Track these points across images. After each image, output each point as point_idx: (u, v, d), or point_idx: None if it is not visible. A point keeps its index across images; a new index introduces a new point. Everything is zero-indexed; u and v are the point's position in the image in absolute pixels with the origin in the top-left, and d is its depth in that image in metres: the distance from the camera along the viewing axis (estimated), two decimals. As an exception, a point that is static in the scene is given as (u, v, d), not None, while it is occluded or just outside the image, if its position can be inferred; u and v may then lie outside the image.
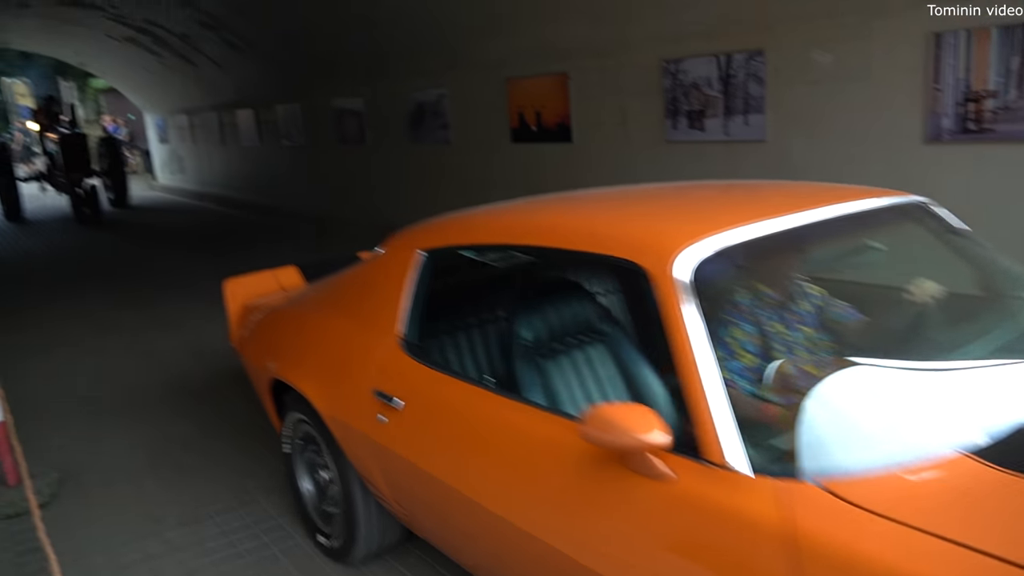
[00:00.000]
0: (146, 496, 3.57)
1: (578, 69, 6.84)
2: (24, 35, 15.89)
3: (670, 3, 5.71)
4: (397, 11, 8.16)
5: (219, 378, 5.05)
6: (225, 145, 14.98)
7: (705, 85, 5.74)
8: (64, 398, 4.94)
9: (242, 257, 8.34)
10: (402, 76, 9.22)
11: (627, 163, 6.59)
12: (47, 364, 5.67)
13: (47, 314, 7.15)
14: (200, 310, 6.49)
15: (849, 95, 4.96)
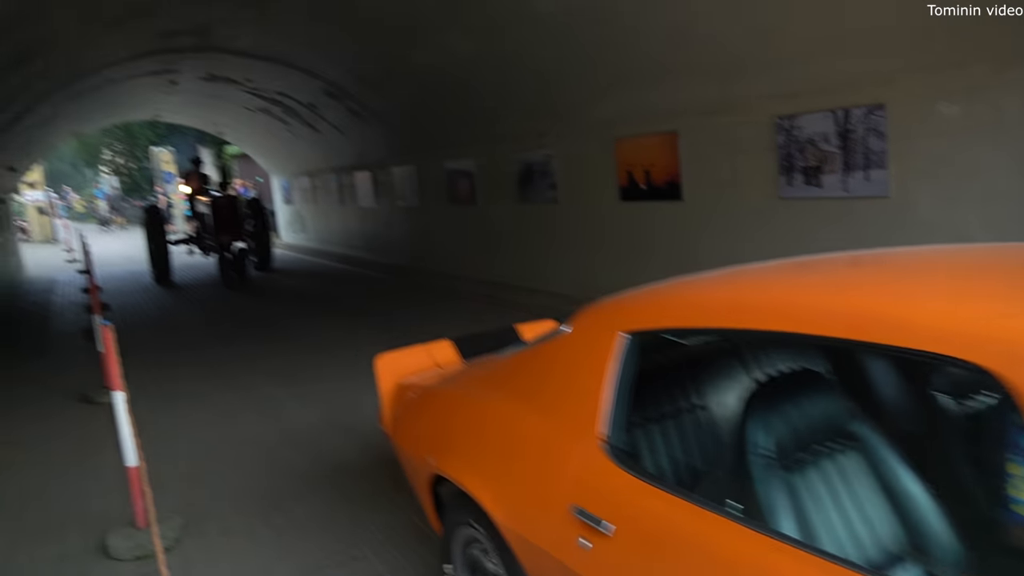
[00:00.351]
0: (263, 547, 3.71)
1: (688, 127, 6.84)
2: (173, 108, 17.55)
3: (783, 60, 5.65)
4: (507, 77, 8.47)
5: (344, 439, 5.23)
6: (344, 205, 15.81)
7: (821, 140, 5.60)
8: (193, 448, 5.25)
9: (380, 320, 8.72)
10: (511, 138, 9.50)
11: (739, 221, 6.47)
12: (181, 416, 6.06)
13: (185, 370, 7.67)
14: (335, 375, 6.81)
15: (980, 148, 4.72)
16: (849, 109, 5.37)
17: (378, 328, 8.29)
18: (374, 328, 8.36)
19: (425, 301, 10.01)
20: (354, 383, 6.16)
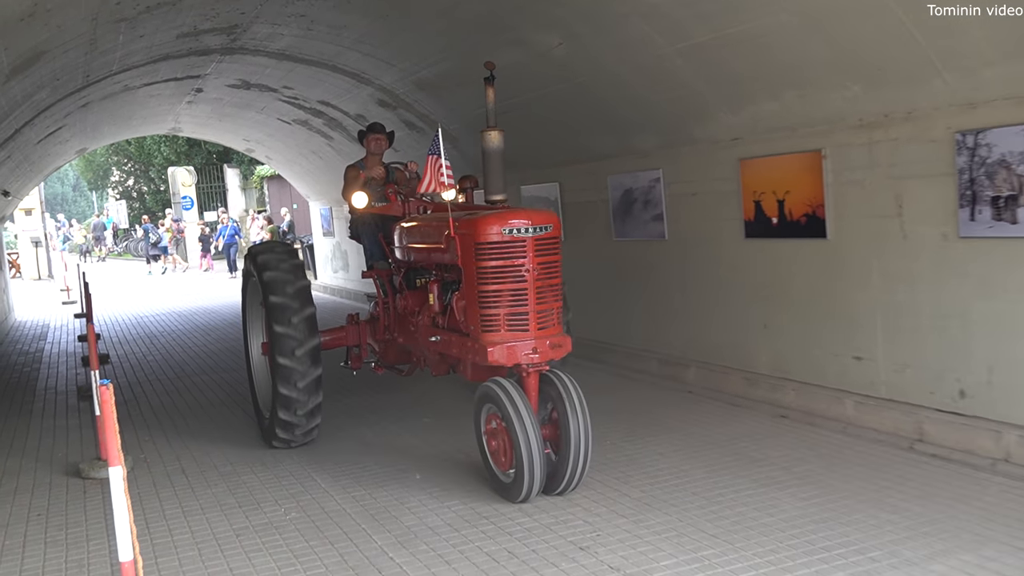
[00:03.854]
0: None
1: (836, 145, 6.70)
2: (195, 121, 18.34)
3: (968, 59, 5.49)
4: (597, 76, 8.51)
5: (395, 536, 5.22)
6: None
7: (1019, 163, 5.39)
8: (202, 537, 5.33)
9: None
10: (604, 156, 9.51)
11: (904, 266, 6.26)
12: (188, 495, 6.17)
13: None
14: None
15: None
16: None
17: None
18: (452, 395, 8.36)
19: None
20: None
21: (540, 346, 5.51)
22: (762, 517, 5.03)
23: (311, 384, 6.66)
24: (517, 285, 5.53)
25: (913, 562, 4.32)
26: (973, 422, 5.86)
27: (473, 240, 5.59)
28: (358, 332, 7.76)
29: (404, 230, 7.02)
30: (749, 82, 7.12)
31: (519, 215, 5.65)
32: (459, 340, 6.02)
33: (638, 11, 7.16)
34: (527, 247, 5.54)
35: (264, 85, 13.68)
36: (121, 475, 3.61)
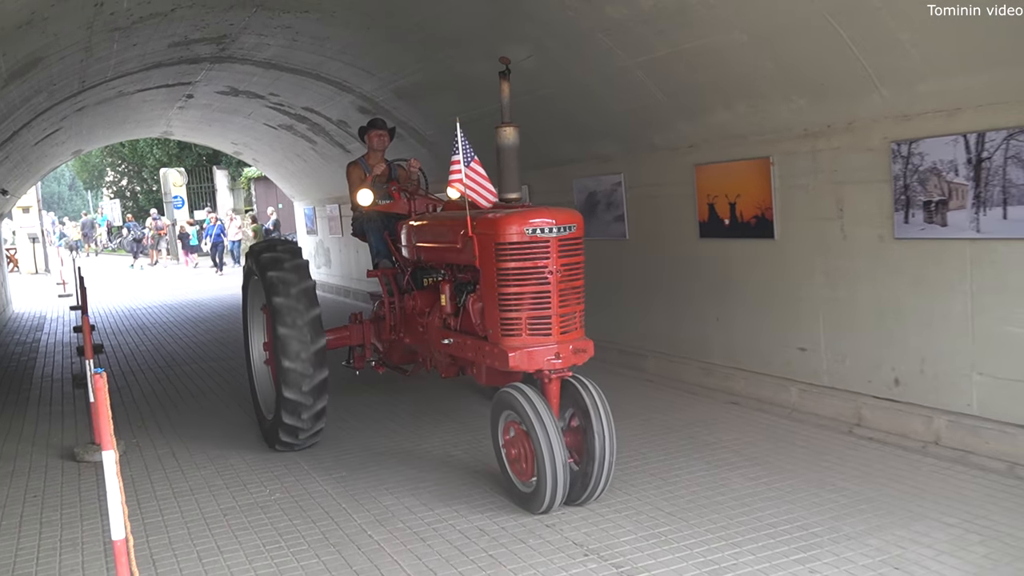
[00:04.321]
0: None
1: (783, 153, 6.75)
2: (186, 125, 18.12)
3: (903, 74, 5.54)
4: (565, 87, 8.51)
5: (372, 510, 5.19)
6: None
7: (948, 171, 5.45)
8: (190, 511, 5.27)
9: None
10: (569, 160, 9.51)
11: (844, 264, 6.32)
12: (178, 477, 6.10)
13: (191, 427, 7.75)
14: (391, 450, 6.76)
15: None
16: (984, 132, 5.22)
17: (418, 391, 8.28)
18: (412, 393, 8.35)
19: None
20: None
21: (563, 351, 4.94)
22: (714, 496, 5.07)
23: (317, 387, 6.08)
24: (540, 288, 4.93)
25: (852, 536, 4.37)
26: (907, 408, 5.94)
27: (493, 240, 4.98)
28: (362, 332, 7.22)
29: (413, 228, 6.41)
30: (704, 94, 7.15)
31: (542, 214, 4.99)
32: (475, 343, 5.42)
33: (602, 27, 7.16)
34: (550, 248, 4.92)
35: (251, 92, 13.55)
36: (114, 458, 3.55)
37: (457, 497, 5.31)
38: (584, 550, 4.39)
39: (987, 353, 5.44)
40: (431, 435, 6.78)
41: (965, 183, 5.38)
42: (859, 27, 5.47)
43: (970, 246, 5.44)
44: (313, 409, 6.13)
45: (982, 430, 5.43)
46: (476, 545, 4.55)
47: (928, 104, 5.52)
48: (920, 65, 5.38)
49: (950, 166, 5.45)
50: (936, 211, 5.59)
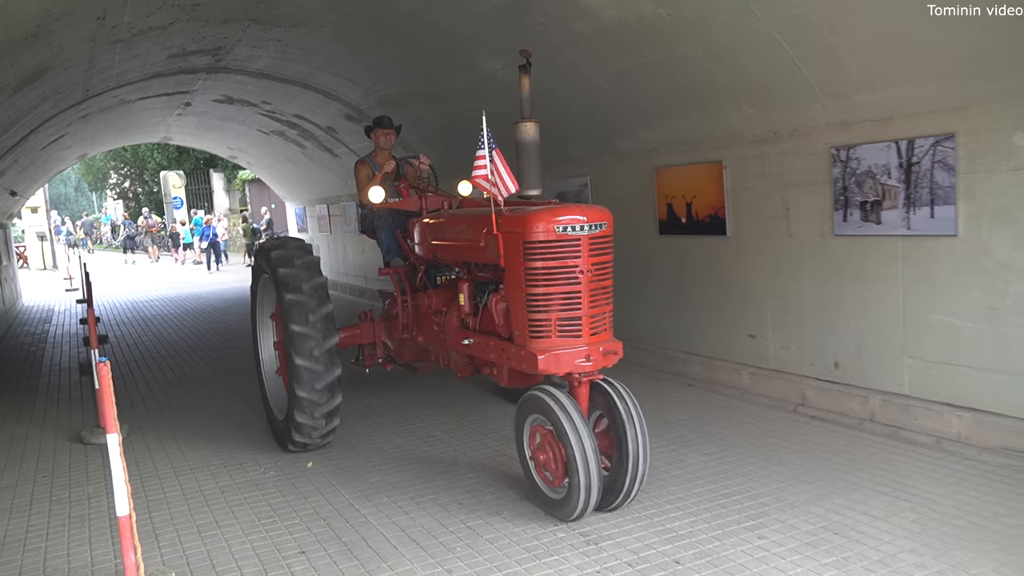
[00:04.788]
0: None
1: (734, 157, 6.80)
2: (184, 131, 17.92)
3: (842, 86, 5.61)
4: (536, 96, 8.50)
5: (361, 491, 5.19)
6: (360, 235, 15.94)
7: (882, 174, 5.53)
8: (189, 490, 5.24)
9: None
10: (543, 163, 9.50)
11: (790, 258, 6.39)
12: (179, 458, 6.06)
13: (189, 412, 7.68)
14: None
15: (1062, 184, 4.61)
16: (914, 140, 5.31)
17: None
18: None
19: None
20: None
21: (593, 353, 4.40)
22: (672, 471, 5.12)
23: (330, 385, 5.54)
24: (570, 288, 4.37)
25: (796, 505, 4.44)
26: (845, 389, 6.03)
27: (521, 239, 4.42)
28: (373, 330, 6.65)
29: (429, 226, 5.80)
30: (663, 103, 7.19)
31: (572, 211, 4.43)
32: (498, 345, 4.84)
33: (570, 41, 7.18)
34: (581, 247, 4.37)
35: (245, 100, 13.43)
36: (117, 440, 3.54)
37: (439, 474, 5.33)
38: (553, 520, 4.42)
39: (916, 339, 5.54)
40: (414, 418, 6.78)
41: (897, 185, 5.47)
42: (803, 44, 5.53)
43: (902, 242, 5.52)
44: (326, 407, 5.57)
45: (912, 408, 5.53)
46: (455, 517, 4.57)
47: (864, 113, 5.60)
48: (857, 78, 5.45)
49: (884, 170, 5.53)
50: (871, 210, 5.68)
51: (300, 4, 8.17)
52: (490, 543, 4.18)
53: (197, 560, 4.19)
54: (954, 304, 5.26)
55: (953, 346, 5.30)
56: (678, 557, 3.90)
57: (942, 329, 5.36)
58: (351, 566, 4.01)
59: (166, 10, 7.71)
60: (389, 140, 6.93)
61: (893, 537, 3.98)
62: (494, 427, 6.29)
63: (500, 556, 4.02)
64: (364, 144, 13.31)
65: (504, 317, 4.82)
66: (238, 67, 11.09)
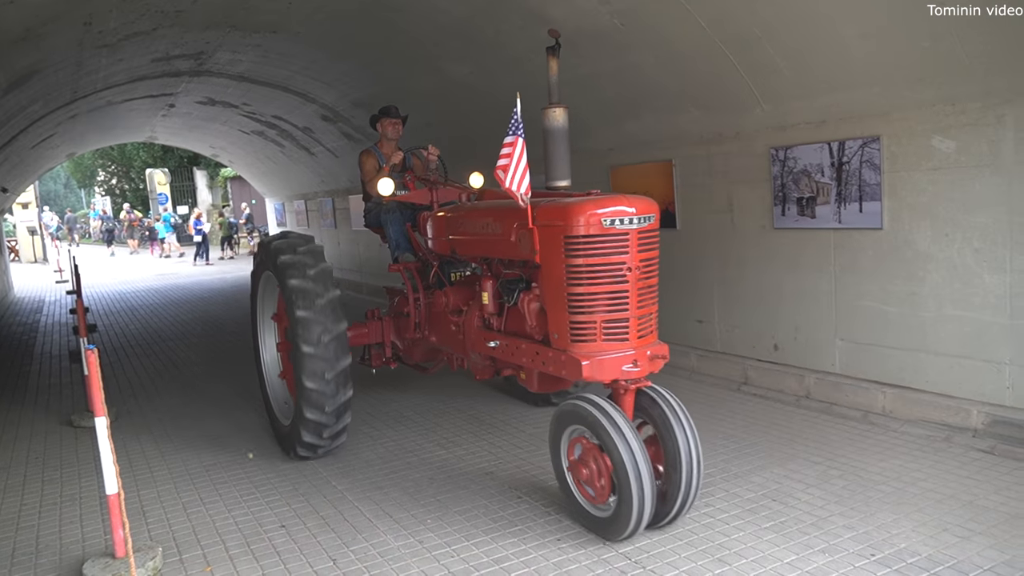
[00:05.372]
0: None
1: (683, 157, 6.85)
2: (168, 131, 17.56)
3: (779, 92, 5.68)
4: (496, 102, 8.49)
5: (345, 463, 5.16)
6: (337, 229, 15.79)
7: (816, 172, 5.62)
8: (175, 469, 5.17)
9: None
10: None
11: (734, 249, 6.47)
12: (165, 440, 5.97)
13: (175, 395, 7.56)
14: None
15: (976, 183, 4.72)
16: (844, 141, 5.39)
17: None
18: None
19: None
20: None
21: (640, 358, 3.81)
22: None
23: (340, 375, 4.83)
24: (616, 287, 3.78)
25: (739, 475, 4.51)
26: (784, 368, 6.13)
27: (562, 233, 3.78)
28: (381, 328, 5.92)
29: (445, 219, 5.12)
30: (618, 106, 7.21)
31: (620, 201, 3.78)
32: (531, 348, 4.20)
33: (533, 49, 7.15)
34: (629, 241, 3.77)
35: (227, 102, 13.20)
36: (106, 423, 3.47)
37: (410, 451, 5.32)
38: (518, 493, 4.44)
39: (847, 322, 5.64)
40: (391, 400, 6.76)
41: (829, 182, 5.55)
42: (744, 53, 5.59)
43: (834, 234, 5.62)
44: (336, 401, 4.85)
45: (843, 385, 5.64)
46: (426, 491, 4.56)
47: (799, 117, 5.67)
48: (792, 86, 5.52)
49: (817, 168, 5.61)
50: (807, 206, 5.76)
51: (278, 11, 8.04)
52: (459, 515, 4.19)
53: (183, 535, 4.14)
54: (880, 291, 5.37)
55: (879, 329, 5.41)
56: (631, 524, 3.94)
57: (869, 313, 5.47)
58: (328, 538, 4.00)
59: (150, 16, 7.54)
60: (396, 130, 6.27)
61: (825, 502, 4.06)
62: (462, 407, 6.29)
63: (468, 527, 4.03)
64: (339, 144, 13.20)
65: (537, 318, 4.19)
66: (220, 71, 10.89)
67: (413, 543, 3.87)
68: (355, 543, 3.91)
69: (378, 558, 3.73)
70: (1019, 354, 4.66)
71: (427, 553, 3.75)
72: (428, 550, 3.78)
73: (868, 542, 3.61)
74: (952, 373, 5.02)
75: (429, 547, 3.81)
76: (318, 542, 3.95)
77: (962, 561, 3.38)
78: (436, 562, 3.65)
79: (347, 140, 12.62)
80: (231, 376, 7.99)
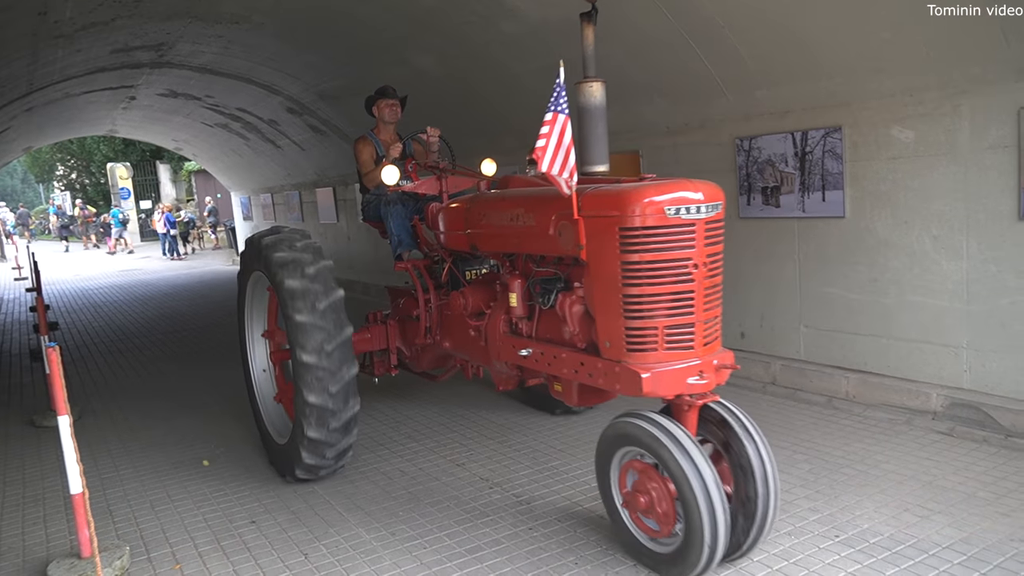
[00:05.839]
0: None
1: (650, 147, 6.90)
2: (130, 124, 17.21)
3: (744, 83, 5.74)
4: (467, 92, 8.47)
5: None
6: (305, 222, 15.64)
7: (780, 162, 5.70)
8: (142, 473, 5.09)
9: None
10: (476, 152, 9.48)
11: (700, 240, 6.52)
12: (131, 438, 5.87)
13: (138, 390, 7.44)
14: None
15: (933, 172, 4.83)
16: (807, 131, 5.47)
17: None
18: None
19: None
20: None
21: (707, 368, 3.25)
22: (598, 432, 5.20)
23: (346, 387, 4.27)
24: (681, 287, 3.19)
25: (706, 462, 4.57)
26: (751, 355, 6.22)
27: (617, 225, 3.20)
28: (385, 333, 5.34)
29: (463, 211, 4.50)
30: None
31: (685, 186, 3.18)
32: (573, 358, 3.64)
33: (497, 40, 7.15)
34: (696, 234, 3.16)
35: (189, 94, 12.98)
36: (68, 422, 3.42)
37: (381, 444, 5.30)
38: (489, 484, 4.46)
39: (811, 310, 5.74)
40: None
41: (793, 172, 5.64)
42: (709, 44, 5.63)
43: (798, 223, 5.71)
44: (343, 416, 4.29)
45: (807, 371, 5.75)
46: (397, 484, 4.56)
47: (764, 107, 5.74)
48: (756, 76, 5.59)
49: (781, 158, 5.69)
50: (771, 195, 5.84)
51: (241, 2, 7.93)
52: (431, 507, 4.19)
53: (151, 533, 4.08)
54: (842, 278, 5.47)
55: (842, 315, 5.52)
56: (603, 513, 3.97)
57: (832, 300, 5.57)
58: (300, 532, 3.98)
59: (108, 6, 7.38)
60: (394, 113, 5.61)
61: (791, 486, 4.14)
62: (430, 399, 6.28)
63: (441, 519, 4.03)
64: (305, 136, 13.06)
65: (581, 323, 3.63)
66: (181, 62, 10.70)
67: (385, 535, 3.87)
68: (327, 537, 3.90)
69: (350, 551, 3.72)
70: (976, 338, 4.79)
71: (400, 545, 3.75)
72: (400, 542, 3.78)
73: (832, 524, 3.69)
74: (912, 358, 5.14)
75: (402, 539, 3.82)
76: (289, 537, 3.93)
77: (922, 540, 3.47)
78: (409, 554, 3.65)
79: (313, 132, 12.49)
80: (198, 373, 7.89)
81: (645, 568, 3.36)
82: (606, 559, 3.49)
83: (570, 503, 4.11)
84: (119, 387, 7.59)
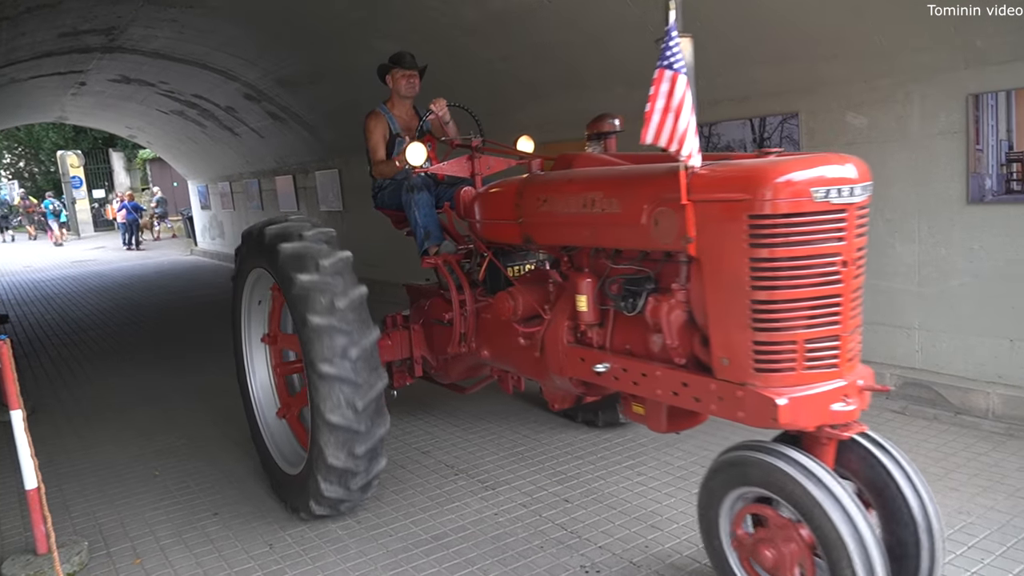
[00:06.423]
0: (176, 570, 3.55)
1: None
2: (80, 110, 16.73)
3: (703, 69, 5.78)
4: (429, 78, 8.39)
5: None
6: (265, 211, 15.41)
7: (739, 148, 5.77)
8: (99, 468, 4.99)
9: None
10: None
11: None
12: (88, 433, 5.75)
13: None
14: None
15: (886, 157, 4.94)
16: (765, 117, 5.55)
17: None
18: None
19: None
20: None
21: (851, 391, 2.56)
22: (566, 423, 5.23)
23: (374, 403, 3.56)
24: (827, 289, 2.48)
25: (670, 443, 4.62)
26: (710, 340, 6.29)
27: (745, 211, 2.45)
28: (408, 340, 4.64)
29: (515, 196, 3.70)
30: (546, 84, 7.24)
31: (831, 160, 2.49)
32: (672, 377, 2.87)
33: (459, 26, 7.11)
34: (848, 223, 2.46)
35: (143, 80, 12.67)
36: (21, 416, 3.34)
37: (345, 433, 5.27)
38: (455, 470, 4.47)
39: (770, 294, 5.84)
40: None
41: (752, 158, 5.71)
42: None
43: (756, 209, 5.78)
44: (370, 440, 3.57)
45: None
46: (388, 475, 4.54)
47: (723, 93, 5.81)
48: (716, 61, 5.64)
49: (740, 144, 5.77)
50: (731, 181, 5.91)
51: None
52: (396, 494, 4.19)
53: (111, 528, 4.02)
54: (800, 262, 5.57)
55: (800, 299, 5.62)
56: (567, 496, 4.02)
57: (790, 285, 5.67)
58: (264, 523, 3.95)
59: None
60: (412, 86, 4.92)
61: (751, 466, 4.21)
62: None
63: (406, 506, 4.04)
64: (264, 124, 12.84)
65: (681, 334, 2.88)
66: (133, 47, 10.43)
67: (351, 523, 3.86)
68: (292, 527, 3.87)
69: (316, 540, 3.71)
70: (927, 319, 4.93)
71: (365, 533, 3.74)
72: (366, 530, 3.78)
73: (791, 502, 3.77)
74: (867, 338, 5.25)
75: (367, 527, 3.81)
76: (253, 527, 3.90)
77: (877, 515, 3.57)
78: (374, 542, 3.65)
79: (272, 120, 12.29)
80: (156, 364, 7.75)
81: (610, 552, 3.40)
82: (572, 542, 3.53)
83: (535, 487, 4.14)
84: (74, 380, 7.42)
